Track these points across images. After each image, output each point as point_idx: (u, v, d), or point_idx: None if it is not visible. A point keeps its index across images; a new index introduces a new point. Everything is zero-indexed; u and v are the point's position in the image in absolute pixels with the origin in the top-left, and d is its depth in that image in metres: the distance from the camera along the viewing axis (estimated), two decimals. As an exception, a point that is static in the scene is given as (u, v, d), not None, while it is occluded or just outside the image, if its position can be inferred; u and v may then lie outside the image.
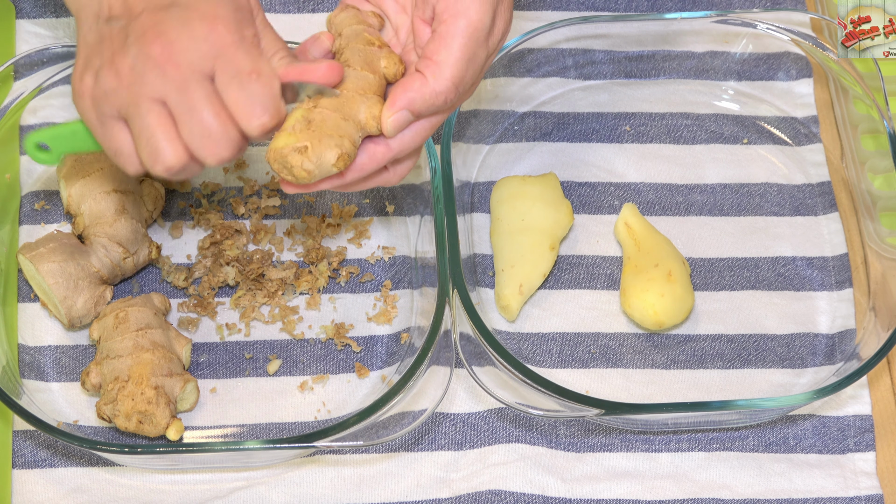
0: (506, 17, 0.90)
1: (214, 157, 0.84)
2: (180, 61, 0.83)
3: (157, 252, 1.08)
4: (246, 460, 1.02)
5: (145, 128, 0.83)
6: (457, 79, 0.88)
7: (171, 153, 0.84)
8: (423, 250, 1.08)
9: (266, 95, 0.84)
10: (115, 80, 0.83)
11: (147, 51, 0.83)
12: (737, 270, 1.13)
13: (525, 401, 1.02)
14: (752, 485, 1.04)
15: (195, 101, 0.83)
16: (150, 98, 0.83)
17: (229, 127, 0.84)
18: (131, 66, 0.83)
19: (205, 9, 0.84)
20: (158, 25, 0.83)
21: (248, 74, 0.84)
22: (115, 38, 0.84)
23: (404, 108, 0.88)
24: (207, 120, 0.83)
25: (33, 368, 1.05)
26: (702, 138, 1.19)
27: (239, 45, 0.84)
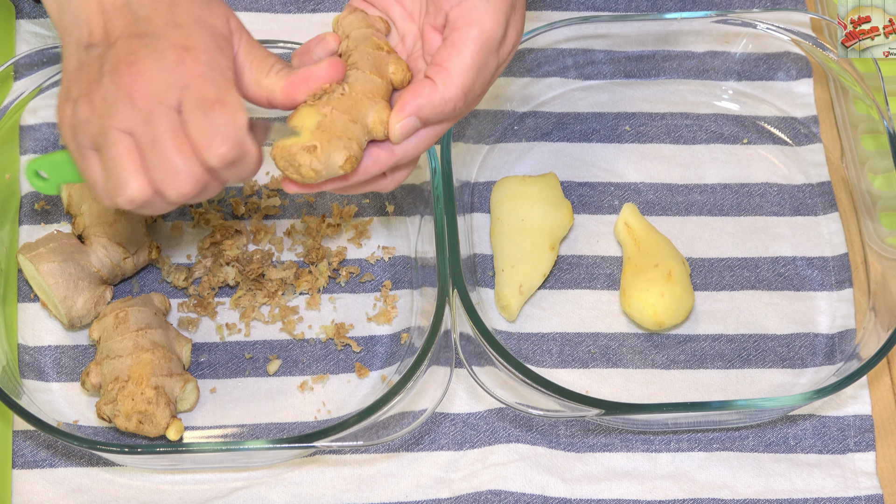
0: (517, 28, 0.89)
1: (175, 191, 0.82)
2: (148, 92, 0.82)
3: (157, 252, 1.08)
4: (246, 460, 1.02)
5: (111, 158, 0.82)
6: (467, 87, 0.87)
7: (134, 185, 0.82)
8: (423, 250, 1.08)
9: (228, 126, 0.82)
10: (89, 111, 0.83)
11: (118, 82, 0.82)
12: (737, 270, 1.13)
13: (525, 401, 1.02)
14: (752, 485, 1.04)
15: (159, 133, 0.81)
16: (118, 129, 0.82)
17: (191, 161, 0.82)
18: (103, 96, 0.82)
19: (177, 38, 0.83)
20: (131, 56, 0.83)
21: (211, 105, 0.82)
22: (93, 67, 0.84)
23: (413, 114, 0.87)
24: (169, 153, 0.81)
25: (33, 368, 1.05)
26: (702, 138, 1.19)
27: (207, 75, 0.83)
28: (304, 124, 0.85)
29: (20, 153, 1.13)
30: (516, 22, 0.89)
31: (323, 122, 0.85)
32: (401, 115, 0.87)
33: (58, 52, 1.10)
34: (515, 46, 0.90)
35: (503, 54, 0.89)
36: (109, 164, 0.82)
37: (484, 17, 0.86)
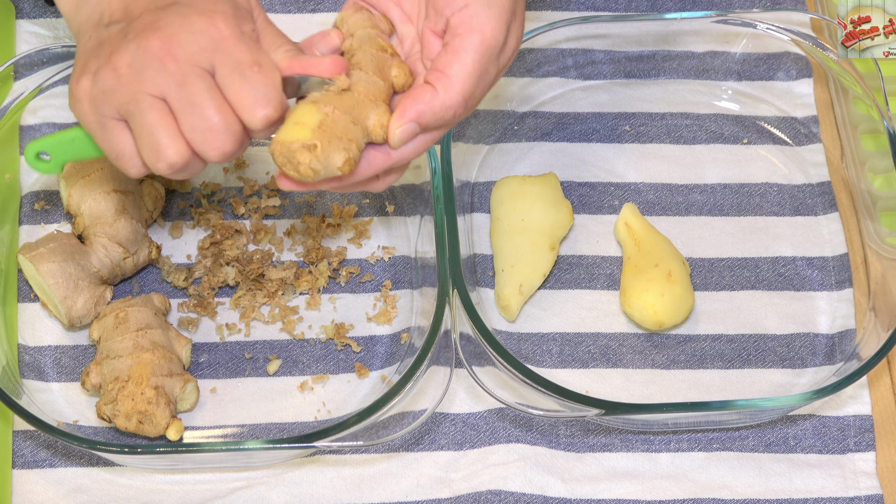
0: (517, 34, 0.89)
1: (217, 151, 0.83)
2: (179, 55, 0.82)
3: (157, 252, 1.08)
4: (246, 460, 1.02)
5: (146, 125, 0.83)
6: (467, 93, 0.87)
7: (173, 149, 0.83)
8: (423, 250, 1.08)
9: (268, 87, 0.83)
10: (114, 79, 0.83)
11: (146, 46, 0.82)
12: (737, 270, 1.13)
13: (525, 401, 1.02)
14: (752, 485, 1.04)
15: (196, 95, 0.82)
16: (150, 94, 0.82)
17: (231, 120, 0.83)
18: (129, 62, 0.82)
19: (203, 5, 0.84)
20: (157, 22, 0.83)
21: (248, 66, 0.83)
22: (114, 39, 0.84)
23: (413, 119, 0.87)
24: (209, 114, 0.82)
25: (33, 368, 1.05)
26: (702, 138, 1.19)
27: (238, 38, 0.84)
28: (304, 121, 0.85)
29: (20, 153, 1.13)
30: (516, 29, 0.89)
31: (324, 122, 0.85)
32: (401, 120, 0.87)
33: (58, 52, 1.10)
34: (515, 53, 0.90)
35: (503, 61, 0.89)
36: (145, 131, 0.83)
37: (486, 24, 0.86)
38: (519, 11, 0.89)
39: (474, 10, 0.86)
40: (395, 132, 0.87)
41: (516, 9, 0.88)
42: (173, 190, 1.13)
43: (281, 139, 0.85)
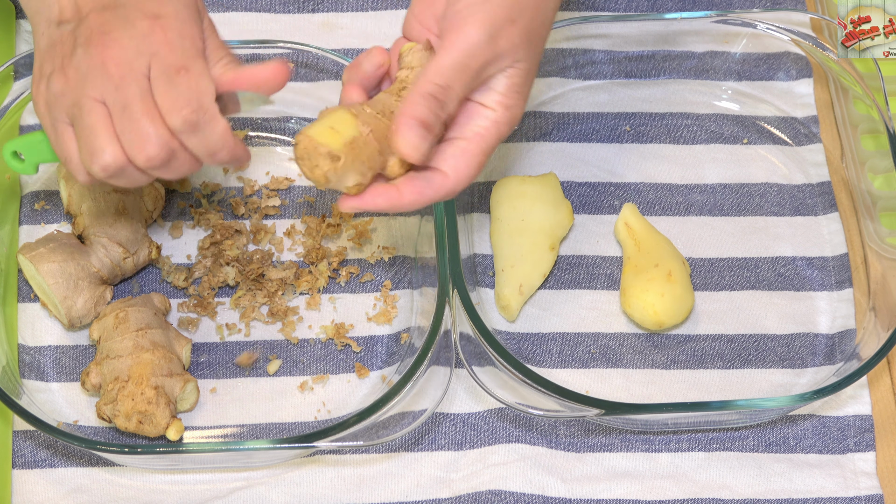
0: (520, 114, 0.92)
1: (143, 155, 0.84)
2: (120, 59, 0.84)
3: (157, 252, 1.08)
4: (246, 460, 1.02)
5: (85, 126, 0.84)
6: (468, 182, 0.89)
7: (108, 152, 0.84)
8: (423, 250, 1.08)
9: (192, 90, 0.84)
10: (63, 83, 0.85)
11: (90, 51, 0.84)
12: (737, 270, 1.13)
13: (525, 401, 1.02)
14: (752, 485, 1.04)
15: (129, 97, 0.83)
16: (92, 98, 0.84)
17: (158, 125, 0.84)
18: (76, 67, 0.84)
19: (148, 7, 0.85)
20: (103, 26, 0.85)
21: (176, 71, 0.84)
22: (65, 42, 0.86)
23: (416, 196, 0.88)
24: (137, 116, 0.83)
25: (33, 368, 1.05)
26: (702, 138, 1.19)
27: (176, 43, 0.85)
28: (340, 129, 0.85)
29: (20, 153, 1.13)
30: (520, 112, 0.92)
31: (357, 140, 0.86)
32: (406, 197, 0.88)
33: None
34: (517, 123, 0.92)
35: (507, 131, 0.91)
36: (84, 133, 0.84)
37: (492, 132, 0.89)
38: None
39: (494, 116, 0.89)
40: (402, 203, 0.88)
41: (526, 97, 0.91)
42: (173, 190, 1.13)
43: (312, 135, 0.85)
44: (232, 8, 1.22)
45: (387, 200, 0.89)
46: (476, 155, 0.89)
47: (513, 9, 0.88)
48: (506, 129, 0.90)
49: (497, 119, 0.89)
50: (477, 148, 0.89)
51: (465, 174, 0.89)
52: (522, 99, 0.90)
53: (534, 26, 0.89)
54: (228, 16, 1.21)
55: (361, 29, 1.21)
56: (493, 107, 0.89)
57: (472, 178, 0.90)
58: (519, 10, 0.88)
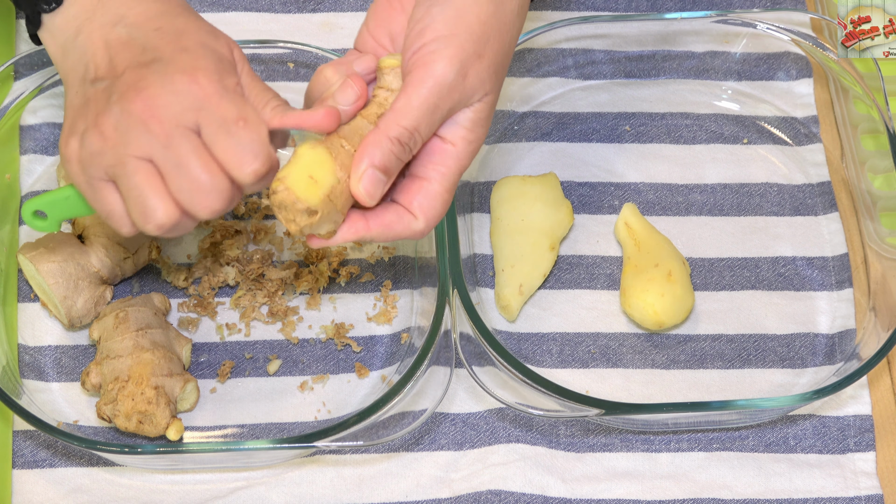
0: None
1: (207, 210, 0.83)
2: (163, 116, 0.82)
3: (157, 252, 1.08)
4: (246, 460, 1.02)
5: (133, 187, 0.83)
6: (434, 224, 0.89)
7: (162, 211, 0.83)
8: (423, 250, 1.08)
9: (256, 142, 0.83)
10: (101, 142, 0.83)
11: (129, 108, 0.82)
12: (737, 270, 1.13)
13: (525, 401, 1.02)
14: (752, 485, 1.04)
15: (182, 156, 0.82)
16: (136, 157, 0.82)
17: (219, 178, 0.83)
18: (115, 125, 0.83)
19: (185, 62, 0.84)
20: (139, 82, 0.83)
21: (234, 122, 0.83)
22: (99, 100, 0.84)
23: (383, 230, 0.87)
24: (196, 173, 0.82)
25: (33, 368, 1.05)
26: (702, 138, 1.19)
27: (222, 94, 0.83)
28: (319, 179, 0.84)
29: (20, 153, 1.13)
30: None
31: (335, 189, 0.84)
32: (373, 231, 0.87)
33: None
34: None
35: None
36: (133, 193, 0.83)
37: (464, 161, 0.88)
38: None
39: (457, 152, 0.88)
40: (364, 237, 0.88)
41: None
42: (173, 190, 1.13)
43: (290, 187, 0.83)
44: (232, 8, 1.22)
45: (355, 234, 0.87)
46: (442, 194, 0.88)
47: (479, 43, 0.86)
48: (467, 162, 0.88)
49: (459, 155, 0.87)
50: (441, 188, 0.88)
51: (434, 215, 0.88)
52: (485, 130, 0.89)
53: (499, 59, 0.88)
54: (228, 16, 1.21)
55: (361, 29, 1.21)
56: (456, 142, 0.87)
57: (441, 217, 0.89)
58: (484, 43, 0.86)
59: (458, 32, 0.85)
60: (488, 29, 0.86)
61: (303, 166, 0.84)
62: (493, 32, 0.87)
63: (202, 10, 1.21)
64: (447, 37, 0.85)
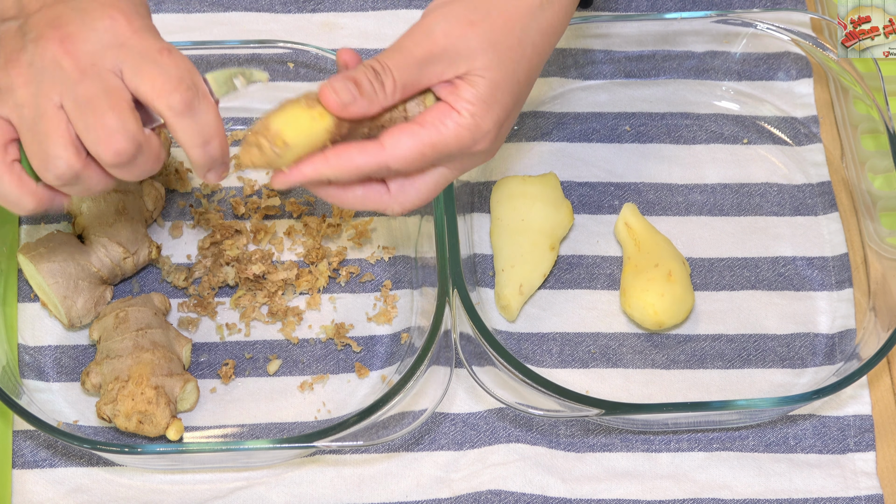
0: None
1: (111, 151, 0.79)
2: (80, 53, 0.80)
3: (157, 252, 1.08)
4: (246, 460, 1.02)
5: (39, 132, 0.80)
6: (405, 166, 0.87)
7: (62, 159, 0.80)
8: (423, 250, 1.08)
9: (182, 69, 0.81)
10: (10, 80, 0.80)
11: (44, 46, 0.80)
12: (737, 270, 1.13)
13: (525, 401, 1.02)
14: (752, 485, 1.04)
15: (91, 92, 0.79)
16: (47, 98, 0.80)
17: (127, 118, 0.80)
18: (28, 63, 0.80)
19: (103, 0, 0.82)
20: (57, 20, 0.80)
21: (158, 52, 0.81)
22: (12, 38, 0.81)
23: (341, 161, 0.86)
24: (102, 110, 0.79)
25: (33, 368, 1.05)
26: (702, 138, 1.19)
27: (142, 31, 0.81)
28: (298, 117, 0.85)
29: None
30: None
31: (311, 132, 0.85)
32: (330, 160, 0.85)
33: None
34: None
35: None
36: (37, 137, 0.80)
37: (464, 134, 0.87)
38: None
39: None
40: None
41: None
42: (173, 190, 1.13)
43: (273, 118, 0.84)
44: (232, 8, 1.22)
45: (313, 168, 0.85)
46: (423, 142, 0.86)
47: (474, 11, 0.86)
48: (467, 138, 0.86)
49: (461, 123, 0.86)
50: (427, 137, 0.86)
51: (403, 154, 0.85)
52: (490, 113, 0.87)
53: (499, 36, 0.86)
54: (228, 16, 1.21)
55: (361, 29, 1.21)
56: (461, 111, 0.86)
57: (411, 164, 0.86)
58: (481, 14, 0.86)
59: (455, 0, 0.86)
60: (488, 2, 0.86)
61: (288, 111, 0.85)
62: (497, 10, 0.86)
63: (202, 10, 1.21)
64: (442, 4, 0.86)
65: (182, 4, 1.21)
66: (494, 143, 0.89)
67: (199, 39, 1.20)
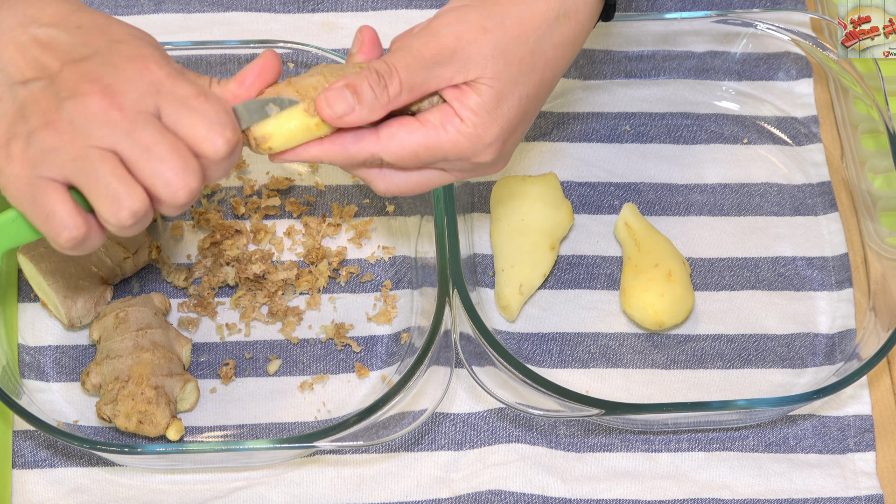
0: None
1: (185, 190, 0.80)
2: (123, 104, 0.80)
3: (157, 252, 1.08)
4: (246, 460, 1.02)
5: (101, 178, 0.79)
6: (398, 160, 0.87)
7: (134, 197, 0.80)
8: (423, 250, 1.08)
9: (221, 112, 0.82)
10: (56, 138, 0.79)
11: (86, 101, 0.80)
12: (737, 270, 1.13)
13: (525, 401, 1.02)
14: (752, 485, 1.04)
15: (149, 139, 0.80)
16: (99, 148, 0.79)
17: (190, 157, 0.81)
18: (70, 120, 0.79)
19: (127, 52, 0.82)
20: (89, 74, 0.80)
21: (195, 98, 0.81)
22: (42, 99, 0.80)
23: (336, 147, 0.86)
24: (167, 155, 0.80)
25: (33, 368, 1.05)
26: (702, 138, 1.19)
27: (174, 76, 0.82)
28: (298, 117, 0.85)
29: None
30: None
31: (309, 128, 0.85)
32: (325, 143, 0.86)
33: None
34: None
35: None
36: (101, 184, 0.79)
37: (462, 142, 0.87)
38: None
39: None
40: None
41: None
42: (173, 190, 1.13)
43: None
44: (232, 8, 1.22)
45: (307, 152, 0.86)
46: (418, 141, 0.85)
47: (487, 18, 0.86)
48: (466, 147, 0.86)
49: (461, 130, 0.86)
50: (423, 137, 0.86)
51: (396, 150, 0.85)
52: (493, 125, 0.86)
53: (511, 46, 0.86)
54: (228, 16, 1.21)
55: (361, 29, 1.21)
56: (464, 118, 0.86)
57: (403, 160, 0.86)
58: (496, 21, 0.86)
59: (470, 4, 0.86)
60: (503, 10, 0.86)
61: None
62: (512, 20, 0.86)
63: (202, 10, 1.21)
64: (456, 8, 0.86)
65: (182, 4, 1.21)
66: (500, 156, 0.89)
67: (199, 39, 1.20)
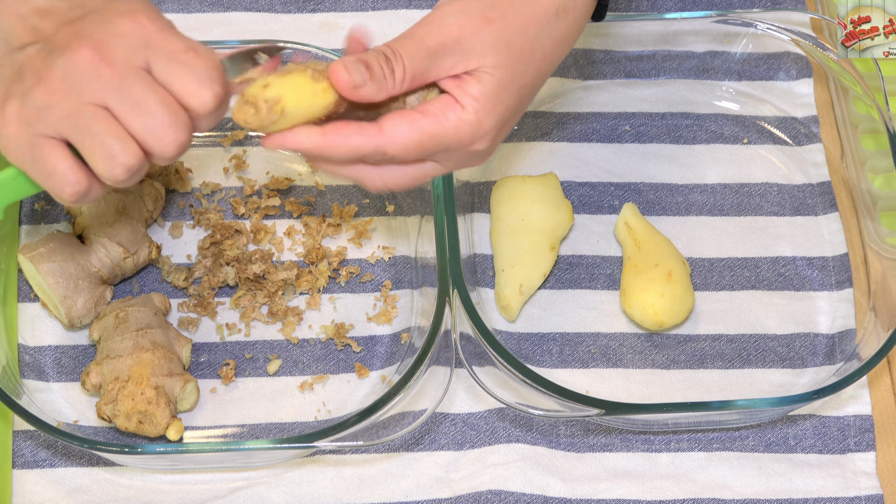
0: None
1: (174, 143, 0.81)
2: (113, 59, 0.81)
3: (157, 252, 1.08)
4: (246, 460, 1.02)
5: (95, 134, 0.81)
6: (401, 153, 0.87)
7: (128, 153, 0.81)
8: (423, 250, 1.08)
9: (211, 68, 0.82)
10: (48, 96, 0.81)
11: (76, 58, 0.81)
12: (737, 270, 1.13)
13: (525, 401, 1.02)
14: (752, 485, 1.04)
15: (139, 94, 0.81)
16: (92, 104, 0.81)
17: (179, 110, 0.82)
18: (62, 77, 0.81)
19: (120, 7, 0.83)
20: (80, 32, 0.82)
21: (184, 52, 0.82)
22: (36, 59, 0.82)
23: (339, 138, 0.85)
24: (157, 108, 0.81)
25: (33, 368, 1.05)
26: (702, 138, 1.19)
27: (165, 31, 0.83)
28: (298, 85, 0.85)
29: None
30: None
31: (310, 103, 0.85)
32: (328, 135, 0.85)
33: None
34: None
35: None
36: (95, 140, 0.81)
37: (463, 130, 0.87)
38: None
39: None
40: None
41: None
42: (173, 190, 1.13)
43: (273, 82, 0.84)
44: (232, 8, 1.22)
45: (309, 141, 0.86)
46: (422, 131, 0.86)
47: (490, 9, 0.86)
48: (467, 134, 0.87)
49: (463, 117, 0.86)
50: (427, 127, 0.86)
51: (401, 141, 0.86)
52: (493, 113, 0.87)
53: (513, 37, 0.87)
54: (228, 16, 1.21)
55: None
56: (465, 106, 0.86)
57: (409, 151, 0.86)
58: (499, 13, 0.86)
59: None
60: (506, 1, 0.87)
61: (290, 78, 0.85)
62: (514, 12, 0.87)
63: (202, 10, 1.21)
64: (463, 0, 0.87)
65: (182, 4, 1.21)
66: (492, 145, 0.89)
67: (199, 39, 1.19)
